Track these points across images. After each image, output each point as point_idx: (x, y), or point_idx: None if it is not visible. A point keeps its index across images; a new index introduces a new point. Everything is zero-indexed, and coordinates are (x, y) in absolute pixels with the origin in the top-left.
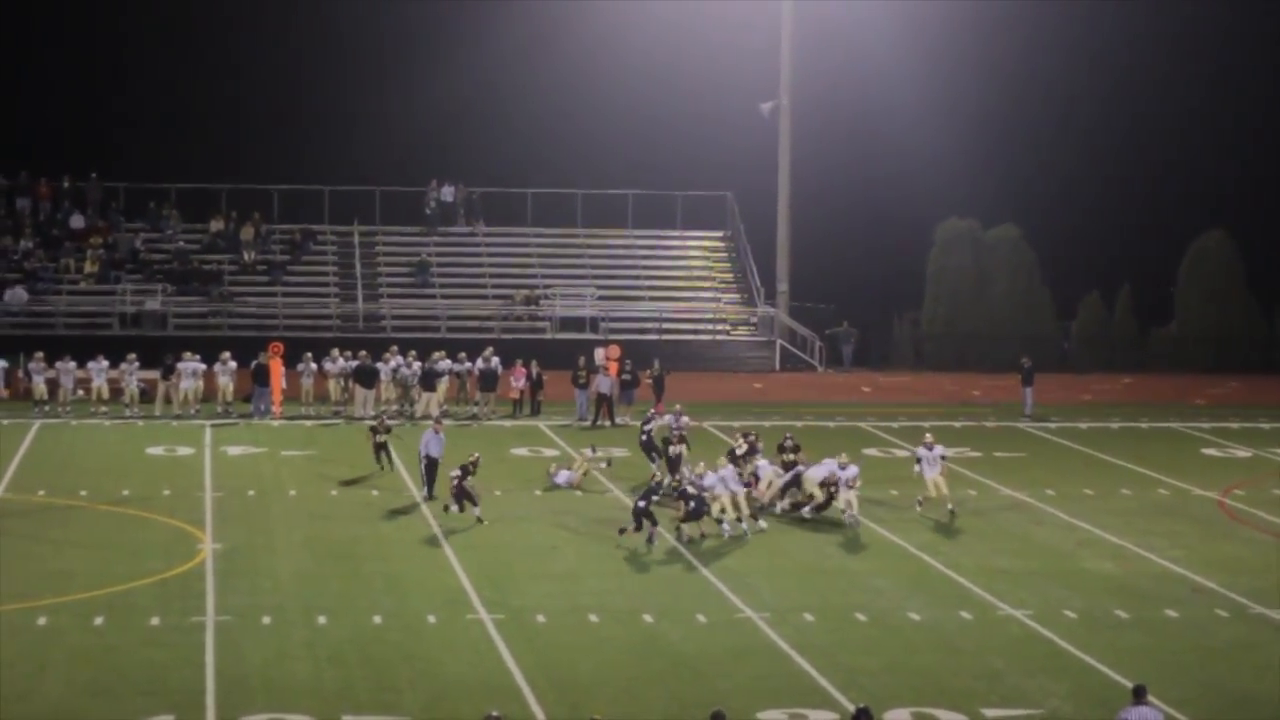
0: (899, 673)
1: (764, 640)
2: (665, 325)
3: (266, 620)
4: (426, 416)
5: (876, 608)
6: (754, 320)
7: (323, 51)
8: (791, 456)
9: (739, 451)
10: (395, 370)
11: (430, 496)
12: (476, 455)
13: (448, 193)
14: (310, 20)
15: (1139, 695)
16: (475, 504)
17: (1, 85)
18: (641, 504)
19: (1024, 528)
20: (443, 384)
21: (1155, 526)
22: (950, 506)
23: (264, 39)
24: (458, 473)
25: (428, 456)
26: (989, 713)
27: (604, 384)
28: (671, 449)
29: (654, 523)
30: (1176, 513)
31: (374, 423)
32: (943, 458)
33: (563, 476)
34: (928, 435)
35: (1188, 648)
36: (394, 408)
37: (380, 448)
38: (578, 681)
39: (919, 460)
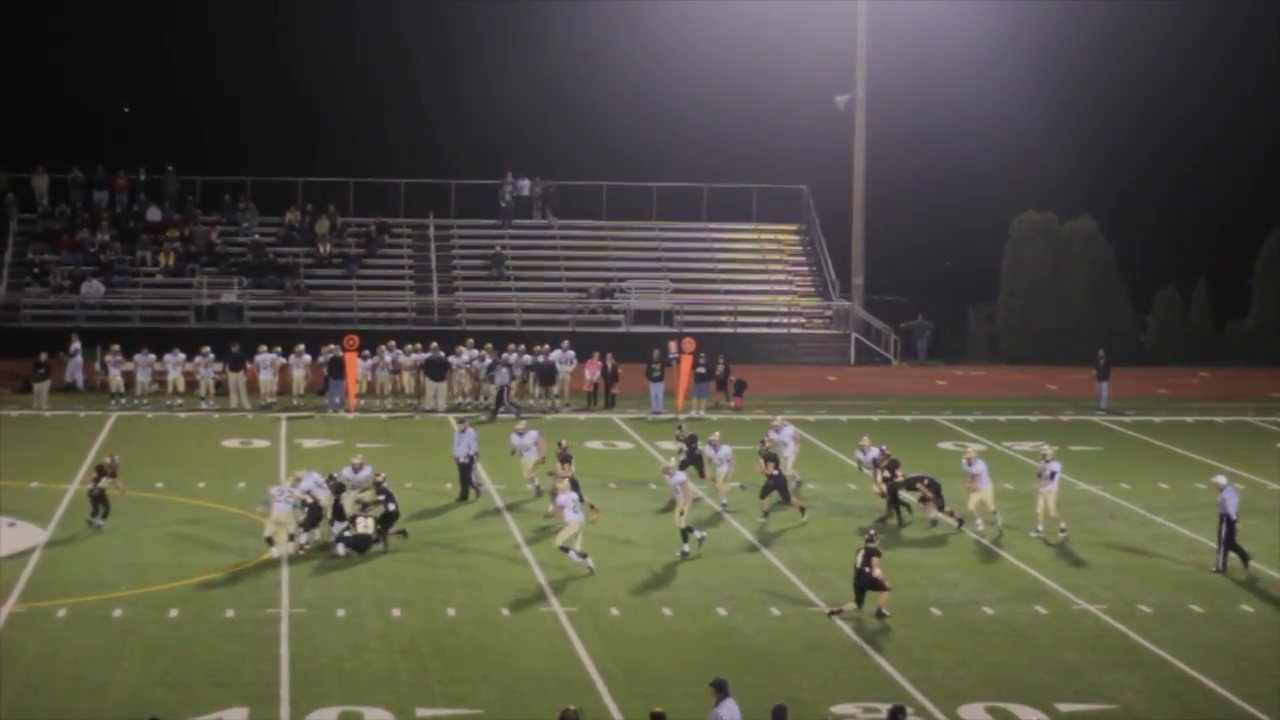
0: (973, 667)
1: (837, 634)
2: (740, 318)
3: (341, 613)
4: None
5: (951, 602)
6: (829, 313)
7: (398, 45)
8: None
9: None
10: (470, 362)
11: (464, 496)
12: (115, 457)
13: (523, 186)
14: (385, 15)
15: (722, 689)
16: (105, 513)
17: (78, 80)
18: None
19: (1099, 522)
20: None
21: None
22: (1038, 528)
23: (339, 34)
24: (95, 475)
25: (455, 457)
26: (1063, 707)
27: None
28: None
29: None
30: (1252, 507)
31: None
32: (1053, 474)
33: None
34: (1045, 449)
35: (1263, 643)
36: (468, 400)
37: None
38: (651, 674)
39: (1039, 475)
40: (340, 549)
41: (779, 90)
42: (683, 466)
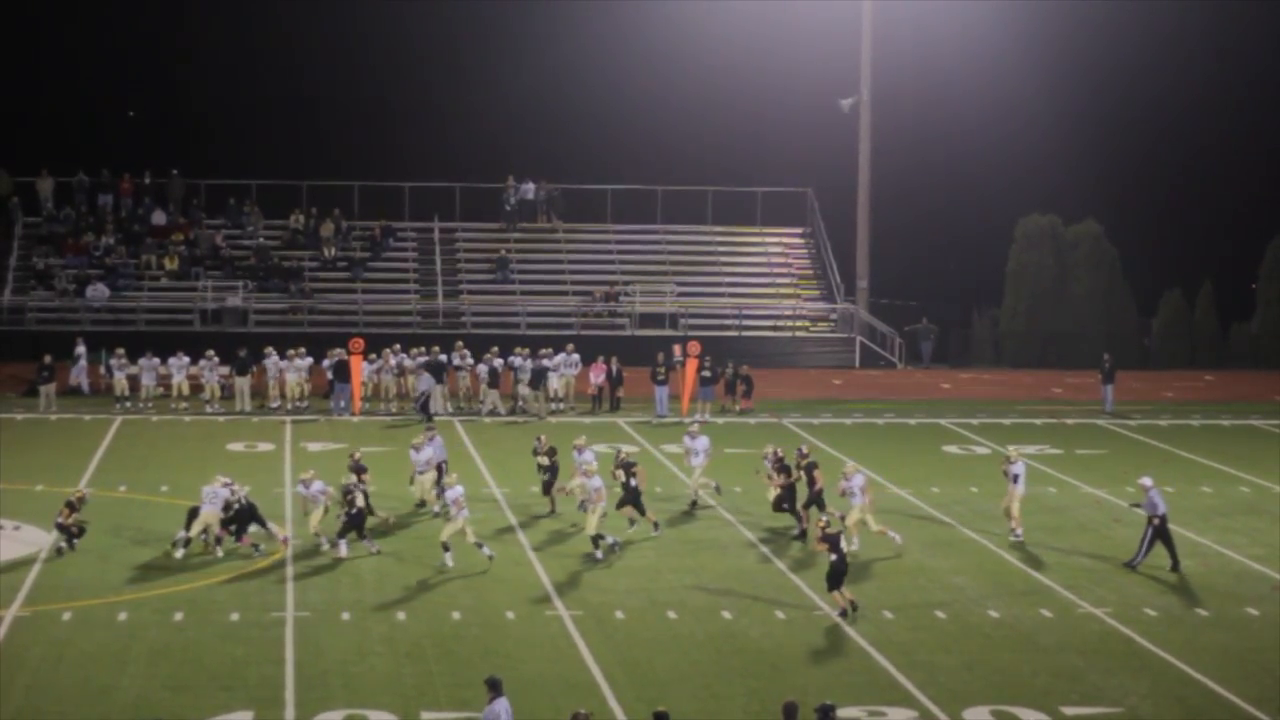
0: (978, 670)
1: (843, 637)
2: (745, 322)
3: (346, 616)
4: (495, 413)
5: (956, 605)
6: (833, 317)
7: (403, 48)
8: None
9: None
10: (474, 365)
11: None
12: (86, 491)
13: (528, 189)
14: (390, 17)
15: (496, 688)
16: (70, 539)
17: (84, 83)
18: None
19: (1104, 525)
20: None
21: (1236, 524)
22: (1016, 532)
23: (345, 36)
24: (64, 510)
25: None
26: (1068, 711)
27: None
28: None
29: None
30: (1258, 510)
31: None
32: (1016, 477)
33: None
34: (1010, 451)
35: (1268, 646)
36: (467, 404)
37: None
38: (656, 678)
39: (1005, 475)
40: (342, 547)
41: (783, 93)
42: (546, 487)
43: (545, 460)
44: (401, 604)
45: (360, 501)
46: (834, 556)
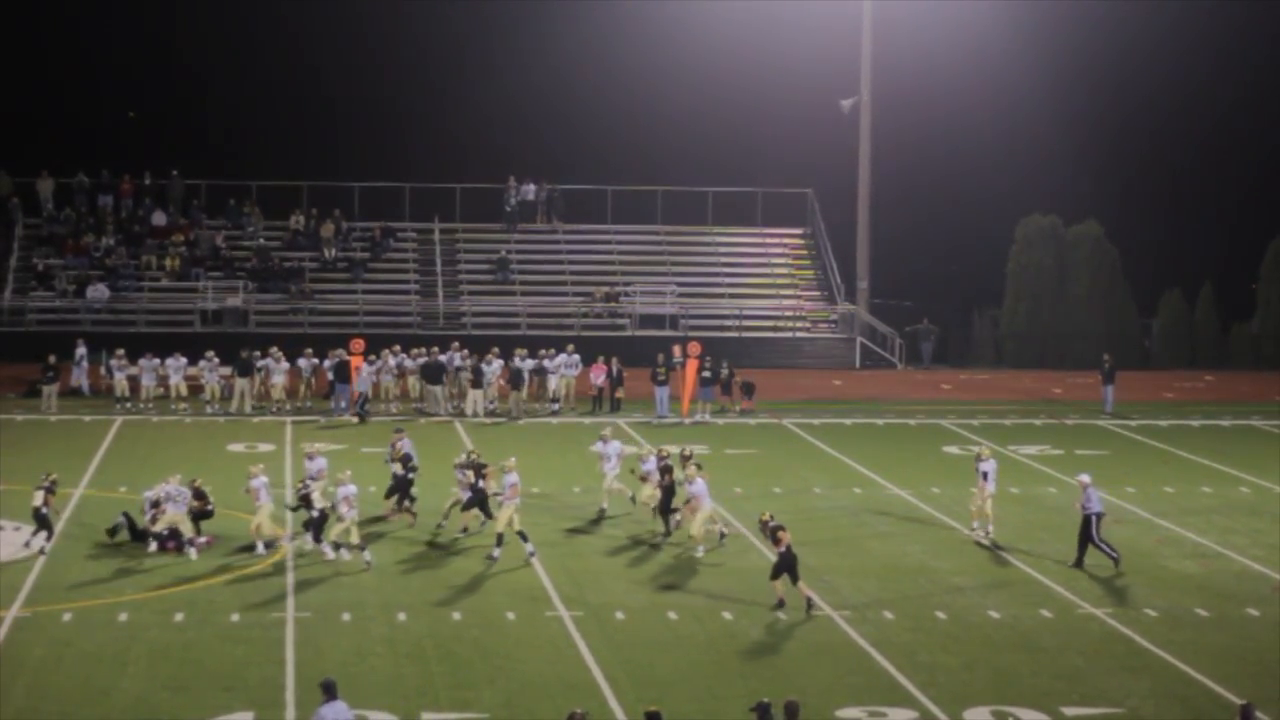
0: (979, 671)
1: (843, 638)
2: (745, 322)
3: (346, 617)
4: (494, 412)
5: (956, 606)
6: (834, 317)
7: (403, 49)
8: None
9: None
10: (458, 367)
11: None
12: (54, 476)
13: (528, 190)
14: (391, 19)
15: (330, 691)
16: (49, 532)
17: (85, 84)
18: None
19: (1105, 526)
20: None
21: (1236, 525)
22: (974, 526)
23: (345, 38)
24: (41, 494)
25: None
26: (1069, 711)
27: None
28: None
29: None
30: (1258, 511)
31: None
32: (986, 475)
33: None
34: (981, 449)
35: (1269, 646)
36: (454, 404)
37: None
38: (656, 679)
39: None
40: (327, 551)
41: (784, 94)
42: (390, 491)
43: (399, 468)
44: (402, 605)
45: (319, 501)
46: (782, 548)
